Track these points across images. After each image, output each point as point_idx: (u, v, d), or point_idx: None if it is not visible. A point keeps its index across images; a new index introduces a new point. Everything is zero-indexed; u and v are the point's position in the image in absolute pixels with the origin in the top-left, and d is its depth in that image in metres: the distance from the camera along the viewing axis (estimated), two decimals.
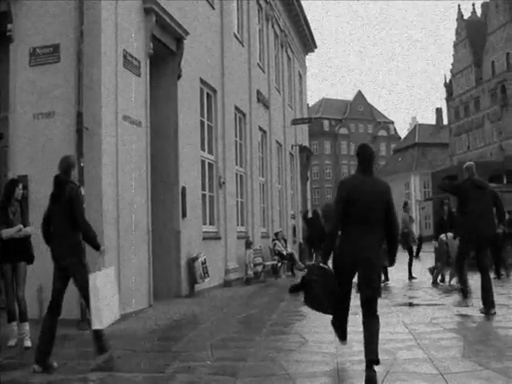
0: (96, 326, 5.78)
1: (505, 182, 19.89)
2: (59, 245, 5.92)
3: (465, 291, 9.39)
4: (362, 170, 5.47)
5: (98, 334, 5.89)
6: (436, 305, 9.79)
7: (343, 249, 5.29)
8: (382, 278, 13.86)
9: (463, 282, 9.34)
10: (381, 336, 6.82)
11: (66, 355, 6.25)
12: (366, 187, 5.30)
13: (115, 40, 9.16)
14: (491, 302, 8.26)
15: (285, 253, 17.74)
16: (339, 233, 5.37)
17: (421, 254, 22.98)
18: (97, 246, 5.94)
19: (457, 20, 67.79)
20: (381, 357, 5.59)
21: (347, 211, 5.21)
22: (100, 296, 5.77)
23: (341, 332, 5.78)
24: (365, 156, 5.53)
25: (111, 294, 6.08)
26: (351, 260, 5.21)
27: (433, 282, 13.11)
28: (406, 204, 16.29)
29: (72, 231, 5.88)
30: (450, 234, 13.25)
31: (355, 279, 5.26)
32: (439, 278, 13.32)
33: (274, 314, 9.36)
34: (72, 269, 5.88)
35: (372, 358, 4.95)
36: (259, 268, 16.17)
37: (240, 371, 5.49)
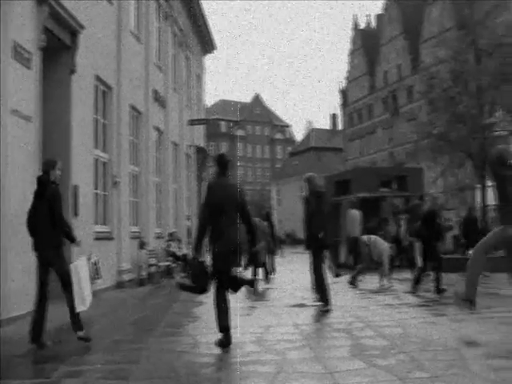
0: (80, 308, 6.84)
1: (394, 187, 20.70)
2: (40, 238, 6.78)
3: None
4: (222, 175, 6.67)
5: (76, 316, 6.84)
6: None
7: (217, 243, 6.42)
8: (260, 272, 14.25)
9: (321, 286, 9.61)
10: (271, 337, 6.94)
11: None
12: (227, 187, 6.59)
13: (4, 30, 8.73)
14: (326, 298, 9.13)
15: (179, 254, 17.62)
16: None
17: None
18: (72, 239, 7.01)
19: (353, 29, 70.09)
20: (271, 357, 5.71)
21: (214, 210, 6.39)
22: (82, 283, 6.87)
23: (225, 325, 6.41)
24: (224, 163, 6.72)
25: (87, 280, 7.15)
26: (225, 251, 6.36)
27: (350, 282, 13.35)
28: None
29: (51, 226, 6.71)
30: (373, 236, 13.67)
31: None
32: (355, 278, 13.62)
33: (167, 316, 9.27)
34: (52, 260, 6.79)
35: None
36: (153, 269, 15.97)
37: (131, 374, 5.38)
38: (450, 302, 10.08)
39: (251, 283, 7.12)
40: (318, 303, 9.47)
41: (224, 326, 6.40)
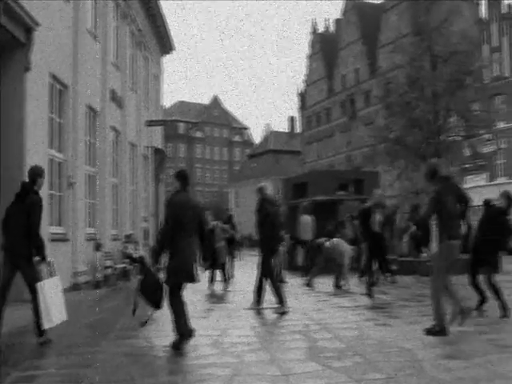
0: (46, 325, 6.68)
1: (351, 190, 20.91)
2: (12, 241, 6.71)
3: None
4: (183, 190, 6.77)
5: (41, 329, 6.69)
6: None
7: (173, 258, 6.51)
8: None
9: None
10: (228, 339, 6.92)
11: None
12: (190, 203, 6.75)
13: None
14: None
15: (135, 256, 17.44)
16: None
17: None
18: (43, 256, 6.83)
19: (311, 33, 70.64)
20: (227, 360, 5.70)
21: (174, 226, 6.49)
22: (48, 301, 6.69)
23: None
24: (184, 179, 6.83)
25: (59, 299, 7.03)
26: (180, 267, 6.47)
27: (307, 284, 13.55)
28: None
29: (25, 234, 6.67)
30: (335, 239, 13.77)
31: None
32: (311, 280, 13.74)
33: (122, 319, 9.14)
34: (21, 266, 6.73)
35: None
36: (109, 271, 15.76)
37: (86, 378, 5.28)
38: (405, 305, 10.24)
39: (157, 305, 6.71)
40: (275, 305, 9.49)
41: (188, 330, 6.44)
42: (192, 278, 6.58)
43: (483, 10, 48.15)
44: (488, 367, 5.22)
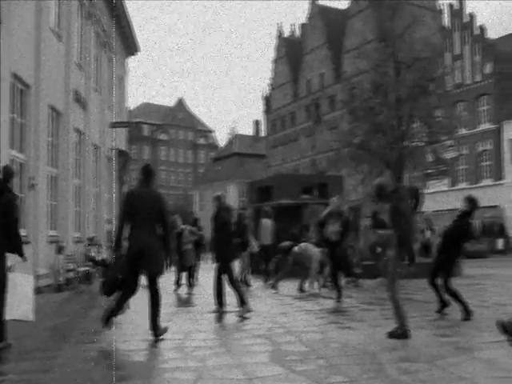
0: (7, 316, 6.68)
1: (316, 194, 21.00)
2: None
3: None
4: (145, 184, 7.25)
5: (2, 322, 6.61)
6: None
7: (130, 243, 7.04)
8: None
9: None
10: (191, 343, 6.87)
11: None
12: (145, 196, 7.13)
13: None
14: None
15: (98, 259, 17.23)
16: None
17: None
18: (21, 253, 6.86)
19: (277, 37, 70.93)
20: (191, 364, 5.66)
21: (132, 215, 7.04)
22: (16, 294, 6.85)
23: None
24: (148, 173, 7.31)
25: (27, 297, 7.26)
26: (135, 251, 6.96)
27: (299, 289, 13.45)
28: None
29: (4, 233, 6.57)
30: (303, 244, 13.78)
31: None
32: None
33: (84, 322, 9.02)
34: None
35: (154, 334, 6.99)
36: (71, 274, 15.53)
37: (46, 383, 5.18)
38: (369, 308, 10.32)
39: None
40: (239, 309, 9.47)
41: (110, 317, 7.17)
42: (142, 267, 7.02)
43: (446, 19, 49.04)
44: (448, 370, 5.28)
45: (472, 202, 8.93)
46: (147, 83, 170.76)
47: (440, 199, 40.43)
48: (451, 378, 5.01)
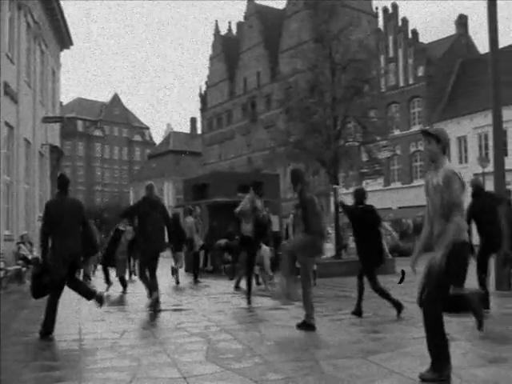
0: None
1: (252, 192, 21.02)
2: None
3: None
4: (64, 193, 7.69)
5: None
6: (183, 310, 10.00)
7: (56, 249, 7.42)
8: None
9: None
10: (126, 342, 6.78)
11: None
12: (65, 205, 7.56)
13: None
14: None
15: (30, 257, 16.76)
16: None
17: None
18: None
19: (214, 35, 70.73)
20: (126, 363, 5.59)
21: (54, 224, 7.40)
22: None
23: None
24: (64, 183, 7.76)
25: None
26: (65, 257, 7.37)
27: (235, 287, 13.46)
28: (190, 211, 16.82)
29: None
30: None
31: None
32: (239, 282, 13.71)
33: (14, 323, 8.75)
34: None
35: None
36: (1, 273, 15.05)
37: None
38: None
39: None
40: (176, 306, 9.42)
41: (50, 328, 7.26)
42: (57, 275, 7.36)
43: (381, 22, 50.12)
44: (381, 365, 5.39)
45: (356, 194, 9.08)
46: (81, 78, 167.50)
47: (374, 198, 41.28)
48: (384, 373, 5.11)
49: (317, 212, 7.57)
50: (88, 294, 7.93)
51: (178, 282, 15.44)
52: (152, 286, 9.82)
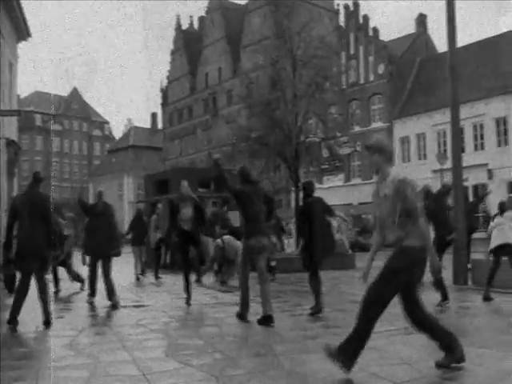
0: None
1: (213, 188, 21.01)
2: None
3: None
4: (36, 187, 7.79)
5: None
6: (143, 306, 9.91)
7: (18, 243, 7.56)
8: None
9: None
10: (85, 340, 6.68)
11: None
12: (32, 199, 7.64)
13: None
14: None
15: None
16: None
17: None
18: None
19: (175, 29, 70.18)
20: (84, 361, 5.50)
21: (19, 217, 7.57)
22: None
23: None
24: (38, 179, 7.83)
25: None
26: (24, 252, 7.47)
27: (197, 280, 13.25)
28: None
29: None
30: (226, 237, 13.66)
31: None
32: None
33: None
34: None
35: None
36: None
37: None
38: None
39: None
40: (134, 303, 9.33)
41: (15, 317, 7.30)
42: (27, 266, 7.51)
43: (342, 19, 50.48)
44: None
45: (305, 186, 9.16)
46: (40, 71, 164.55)
47: (335, 194, 41.72)
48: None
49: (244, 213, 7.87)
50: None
51: (138, 279, 15.34)
52: (92, 287, 10.10)
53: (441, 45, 48.83)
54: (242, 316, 7.91)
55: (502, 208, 10.12)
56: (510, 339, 6.49)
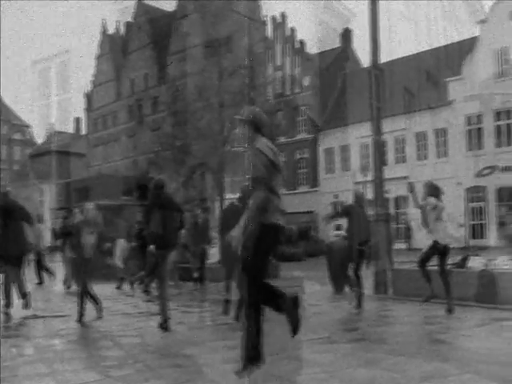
0: None
1: (136, 196, 20.76)
2: None
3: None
4: None
5: None
6: (62, 316, 9.65)
7: None
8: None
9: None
10: (2, 352, 6.42)
11: None
12: None
13: None
14: None
15: None
16: None
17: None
18: None
19: (101, 34, 69.03)
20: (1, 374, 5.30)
21: None
22: None
23: None
24: None
25: None
26: None
27: (145, 291, 12.96)
28: None
29: None
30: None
31: None
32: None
33: None
34: None
35: None
36: None
37: None
38: (188, 311, 10.37)
39: None
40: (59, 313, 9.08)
41: None
42: None
43: (269, 31, 50.96)
44: (266, 369, 5.36)
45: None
46: None
47: None
48: (269, 379, 5.14)
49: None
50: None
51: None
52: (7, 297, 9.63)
53: (365, 59, 50.14)
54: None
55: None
56: (427, 347, 6.71)
